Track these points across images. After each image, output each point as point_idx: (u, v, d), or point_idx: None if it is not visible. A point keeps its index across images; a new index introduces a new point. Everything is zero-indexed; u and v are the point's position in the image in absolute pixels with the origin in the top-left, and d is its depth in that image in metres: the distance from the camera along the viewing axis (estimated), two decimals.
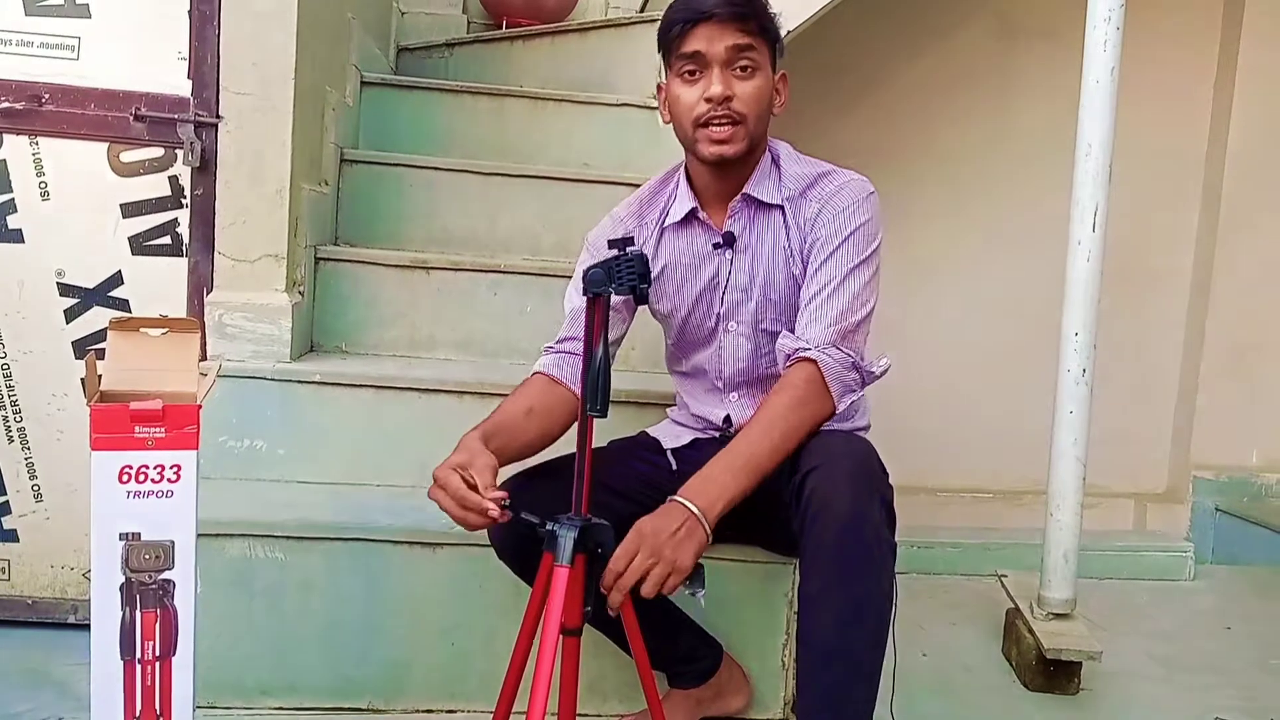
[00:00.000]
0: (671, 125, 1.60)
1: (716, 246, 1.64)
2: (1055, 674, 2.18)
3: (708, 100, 1.52)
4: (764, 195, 1.61)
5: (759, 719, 1.86)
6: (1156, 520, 3.64)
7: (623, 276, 1.30)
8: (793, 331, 1.58)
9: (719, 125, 1.53)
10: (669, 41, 1.55)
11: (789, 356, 1.54)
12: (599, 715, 1.83)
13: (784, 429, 1.48)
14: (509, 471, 1.61)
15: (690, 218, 1.65)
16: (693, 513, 1.40)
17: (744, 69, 1.52)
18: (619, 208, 1.75)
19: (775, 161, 1.64)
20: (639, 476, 1.70)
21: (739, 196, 1.61)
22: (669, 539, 1.36)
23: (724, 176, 1.61)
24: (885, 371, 1.61)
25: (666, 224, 1.68)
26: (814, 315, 1.54)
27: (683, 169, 1.68)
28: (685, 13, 1.52)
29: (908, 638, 2.40)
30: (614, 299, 1.62)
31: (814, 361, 1.50)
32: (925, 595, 2.80)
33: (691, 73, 1.53)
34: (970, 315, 3.55)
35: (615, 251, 1.31)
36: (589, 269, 1.30)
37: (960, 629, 2.58)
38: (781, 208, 1.61)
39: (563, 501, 1.38)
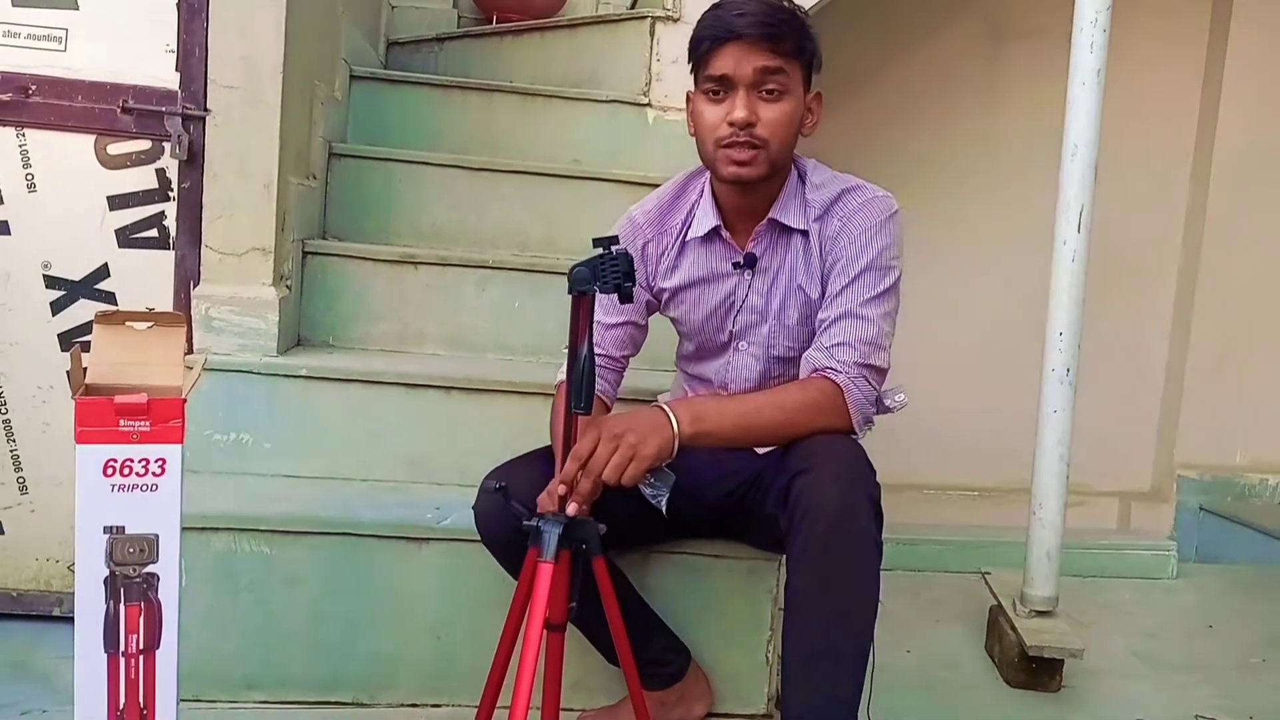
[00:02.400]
0: (695, 139, 1.59)
1: (736, 266, 1.63)
2: (1037, 671, 2.19)
3: (730, 124, 1.50)
4: (789, 220, 1.59)
5: (741, 714, 1.86)
6: (1140, 519, 3.67)
7: (607, 275, 1.30)
8: (808, 346, 1.58)
9: (740, 148, 1.51)
10: (697, 57, 1.53)
11: (816, 370, 1.53)
12: (583, 710, 1.83)
13: (792, 416, 1.50)
14: (505, 456, 1.64)
15: (713, 234, 1.64)
16: (665, 413, 1.43)
17: (771, 92, 1.49)
18: (638, 211, 1.71)
19: (801, 180, 1.62)
20: None
21: (764, 221, 1.60)
22: (633, 427, 1.39)
23: (747, 195, 1.59)
24: (902, 407, 1.62)
25: (689, 237, 1.66)
26: (841, 337, 1.53)
27: (707, 178, 1.66)
28: (715, 30, 1.50)
29: (891, 635, 2.41)
30: (629, 315, 1.67)
31: (840, 386, 1.51)
32: (909, 592, 2.82)
33: (716, 92, 1.51)
34: (956, 314, 3.56)
35: (600, 250, 1.32)
36: (574, 266, 1.31)
37: (944, 626, 2.59)
38: (804, 232, 1.60)
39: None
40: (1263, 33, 3.56)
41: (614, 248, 1.31)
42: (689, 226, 1.66)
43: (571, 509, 1.36)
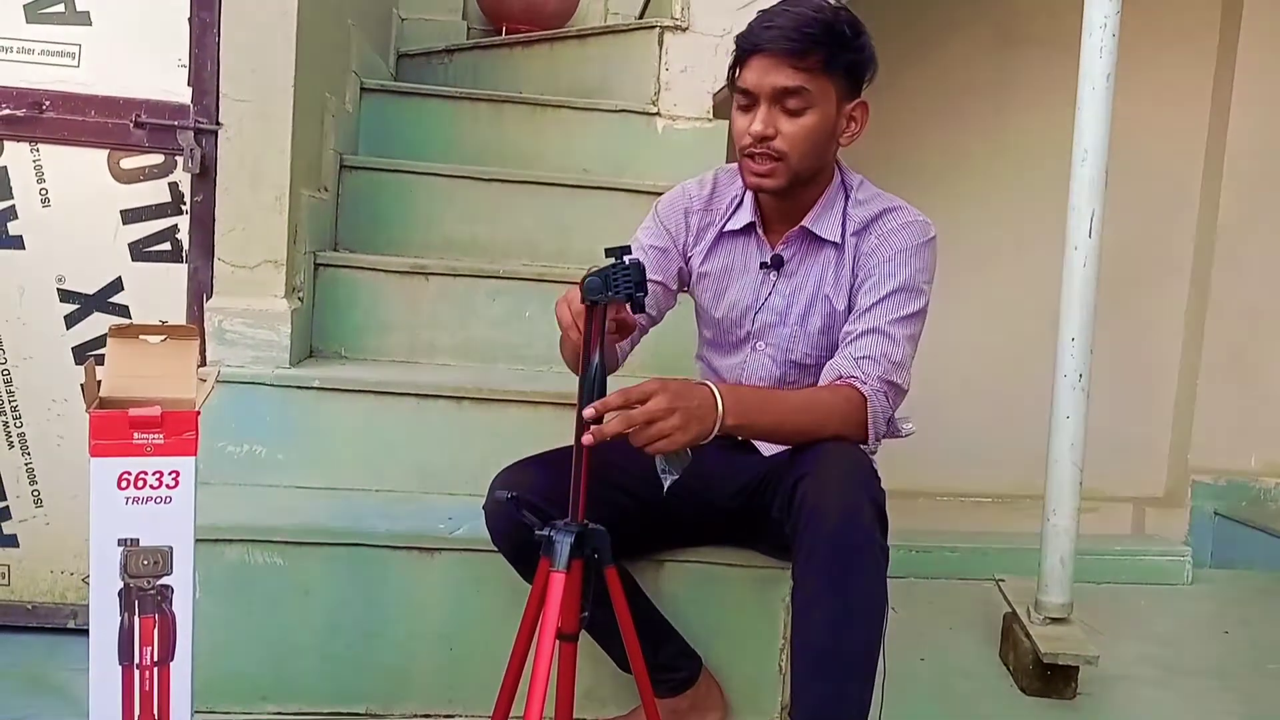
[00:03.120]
0: None
1: (764, 266, 1.65)
2: (1052, 678, 2.18)
3: (750, 134, 1.52)
4: (823, 231, 1.61)
5: None
6: (1155, 524, 3.65)
7: (619, 285, 1.31)
8: (827, 356, 1.59)
9: (760, 160, 1.53)
10: (731, 65, 1.56)
11: (841, 378, 1.53)
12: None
13: (821, 420, 1.50)
14: (512, 457, 1.64)
15: (748, 229, 1.66)
16: (715, 403, 1.41)
17: (792, 108, 1.50)
18: (692, 183, 1.74)
19: (846, 195, 1.63)
20: (639, 470, 1.69)
21: (797, 227, 1.62)
22: (684, 408, 1.37)
23: (781, 200, 1.60)
24: (909, 435, 1.63)
25: (726, 227, 1.68)
26: (868, 351, 1.54)
27: None
28: (746, 40, 1.52)
29: (905, 642, 2.40)
30: (662, 275, 1.68)
31: (865, 398, 1.51)
32: (923, 600, 2.81)
33: (745, 104, 1.54)
34: (968, 320, 3.55)
35: (612, 260, 1.32)
36: (586, 275, 1.31)
37: (958, 633, 2.58)
38: (838, 245, 1.60)
39: (562, 491, 1.39)
40: (1272, 35, 3.54)
41: (626, 257, 1.32)
42: (730, 217, 1.68)
43: (587, 439, 1.34)
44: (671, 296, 1.74)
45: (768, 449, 1.66)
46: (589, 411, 1.34)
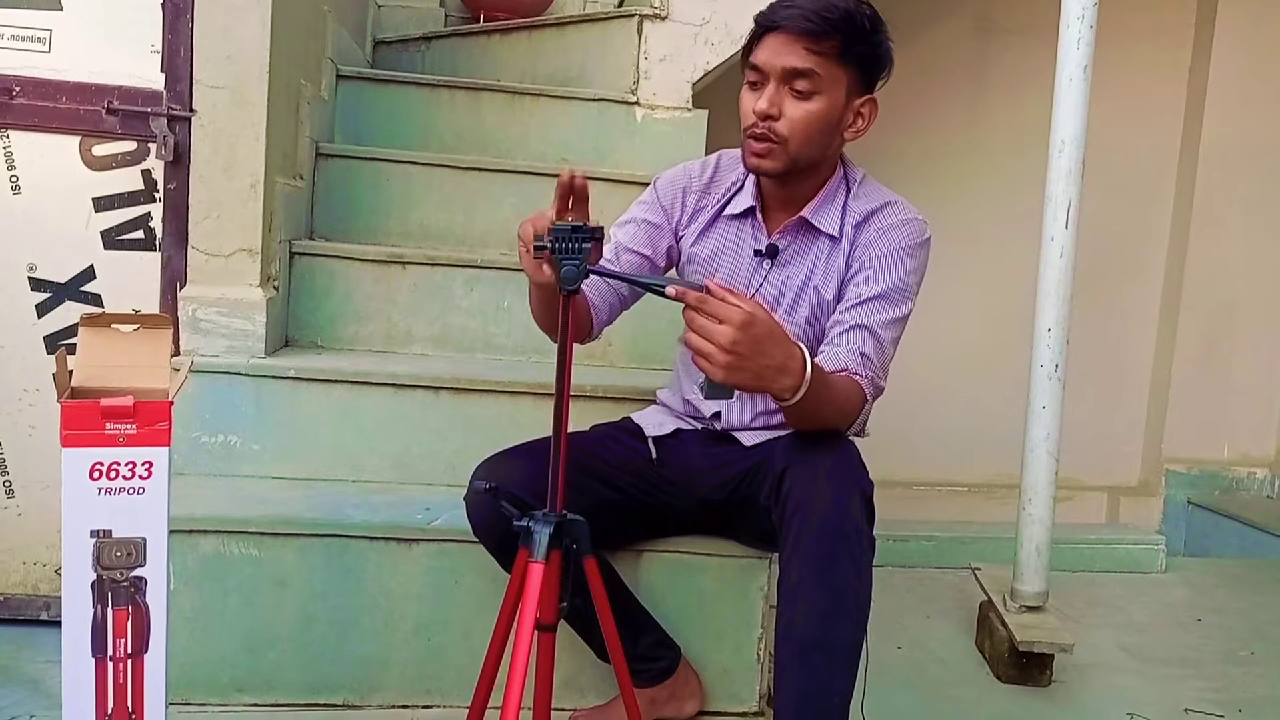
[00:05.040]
0: None
1: (758, 254, 1.64)
2: (1027, 666, 2.20)
3: (755, 112, 1.50)
4: (822, 224, 1.60)
5: (733, 712, 1.87)
6: (1129, 513, 3.69)
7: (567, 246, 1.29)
8: (813, 345, 1.58)
9: (759, 140, 1.51)
10: (747, 42, 1.54)
11: (844, 370, 1.51)
12: (574, 710, 1.83)
13: (842, 407, 1.47)
14: (491, 448, 1.62)
15: (747, 214, 1.65)
16: (803, 371, 1.32)
17: (801, 91, 1.48)
18: (695, 163, 1.72)
19: (849, 189, 1.62)
20: (619, 461, 1.70)
21: (796, 217, 1.60)
22: (744, 356, 1.25)
23: (782, 186, 1.59)
24: (866, 436, 1.62)
25: (725, 211, 1.67)
26: (865, 349, 1.52)
27: None
28: (764, 18, 1.50)
29: (882, 631, 2.42)
30: (641, 251, 1.67)
31: (864, 392, 1.51)
32: (900, 588, 2.83)
33: (754, 81, 1.52)
34: (945, 311, 3.55)
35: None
36: (564, 264, 1.29)
37: (934, 622, 2.60)
38: (835, 238, 1.60)
39: (542, 481, 1.38)
40: (1248, 27, 3.58)
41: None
42: (729, 201, 1.67)
43: (672, 290, 1.27)
44: (656, 270, 1.72)
45: (750, 439, 1.66)
46: (671, 290, 1.27)
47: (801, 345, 1.34)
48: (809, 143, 1.52)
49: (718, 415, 1.71)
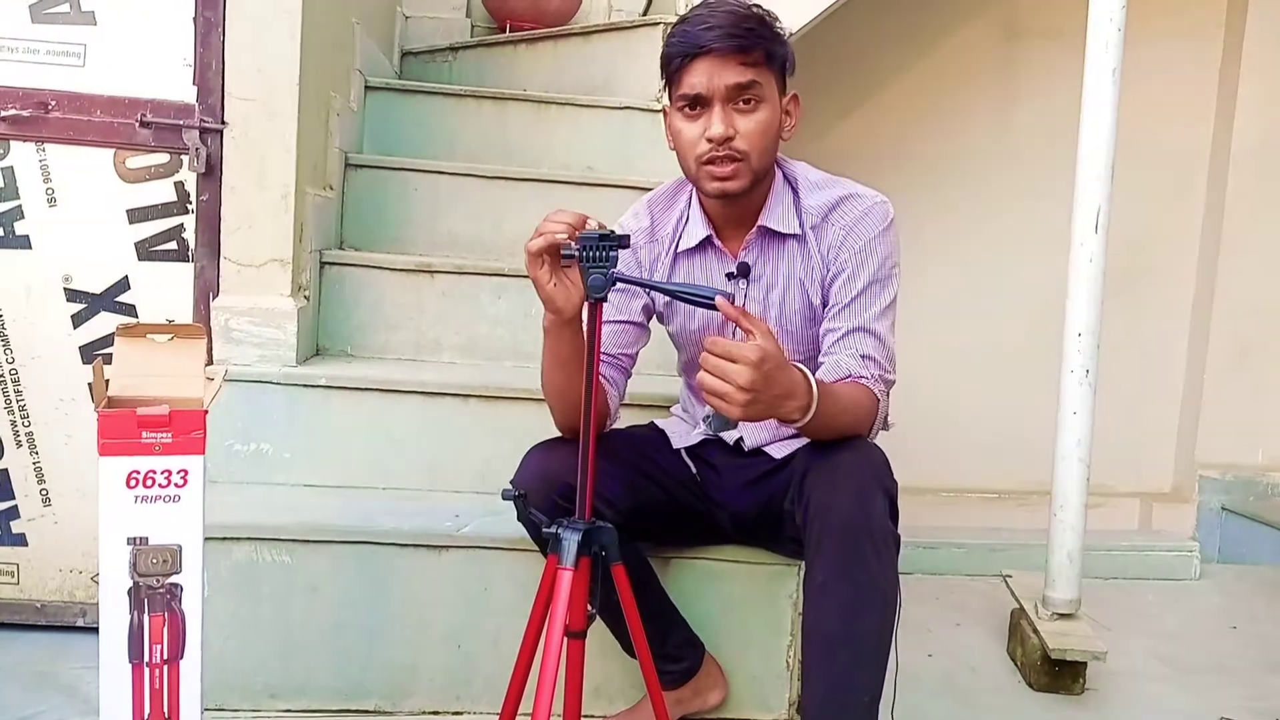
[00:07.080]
0: (676, 155, 1.57)
1: (730, 276, 1.62)
2: (1060, 674, 2.18)
3: (709, 140, 1.48)
4: (780, 226, 1.58)
5: (763, 719, 1.86)
6: (1162, 520, 3.64)
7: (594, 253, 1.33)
8: (812, 349, 1.58)
9: (721, 163, 1.49)
10: (669, 74, 1.51)
11: (850, 376, 1.51)
12: (603, 717, 1.83)
13: (858, 418, 1.48)
14: (519, 455, 1.63)
15: (705, 244, 1.63)
16: (810, 402, 1.35)
17: (746, 103, 1.48)
18: (628, 216, 1.70)
19: (792, 187, 1.60)
20: (668, 464, 1.71)
21: (754, 229, 1.59)
22: (758, 394, 1.28)
23: (733, 205, 1.57)
24: (891, 427, 1.62)
25: (680, 249, 1.64)
26: (867, 351, 1.52)
27: (693, 189, 1.63)
28: (684, 46, 1.47)
29: (913, 638, 2.40)
30: (627, 314, 1.65)
31: (875, 397, 1.51)
32: (930, 596, 2.80)
33: (692, 108, 1.49)
34: (974, 316, 3.55)
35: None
36: (591, 272, 1.31)
37: (965, 629, 2.58)
38: (798, 236, 1.58)
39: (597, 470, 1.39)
40: (1278, 28, 3.53)
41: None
42: (680, 238, 1.65)
43: (719, 300, 1.31)
44: (644, 332, 1.71)
45: (779, 451, 1.66)
46: (718, 300, 1.30)
47: (802, 367, 1.37)
48: (766, 152, 1.52)
49: (740, 440, 1.70)
